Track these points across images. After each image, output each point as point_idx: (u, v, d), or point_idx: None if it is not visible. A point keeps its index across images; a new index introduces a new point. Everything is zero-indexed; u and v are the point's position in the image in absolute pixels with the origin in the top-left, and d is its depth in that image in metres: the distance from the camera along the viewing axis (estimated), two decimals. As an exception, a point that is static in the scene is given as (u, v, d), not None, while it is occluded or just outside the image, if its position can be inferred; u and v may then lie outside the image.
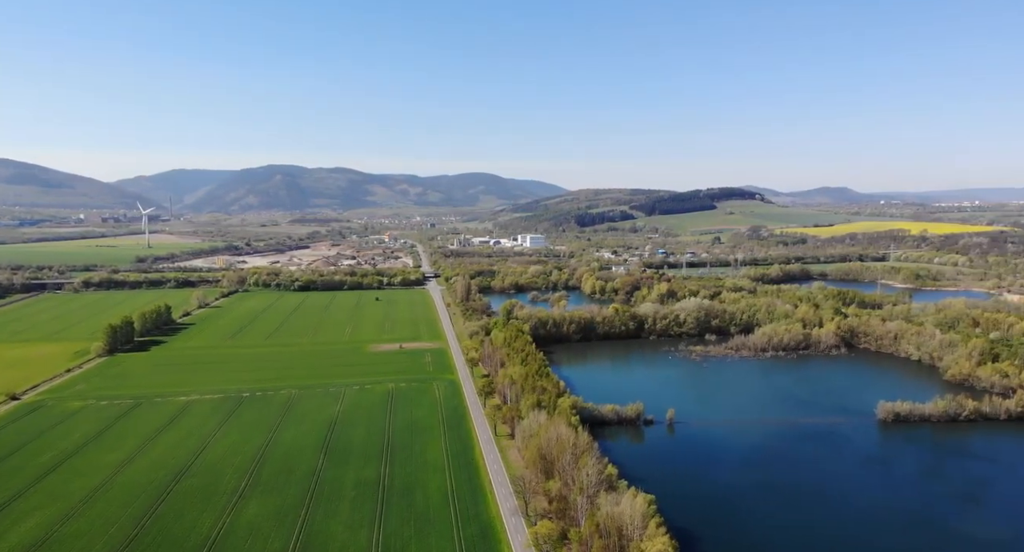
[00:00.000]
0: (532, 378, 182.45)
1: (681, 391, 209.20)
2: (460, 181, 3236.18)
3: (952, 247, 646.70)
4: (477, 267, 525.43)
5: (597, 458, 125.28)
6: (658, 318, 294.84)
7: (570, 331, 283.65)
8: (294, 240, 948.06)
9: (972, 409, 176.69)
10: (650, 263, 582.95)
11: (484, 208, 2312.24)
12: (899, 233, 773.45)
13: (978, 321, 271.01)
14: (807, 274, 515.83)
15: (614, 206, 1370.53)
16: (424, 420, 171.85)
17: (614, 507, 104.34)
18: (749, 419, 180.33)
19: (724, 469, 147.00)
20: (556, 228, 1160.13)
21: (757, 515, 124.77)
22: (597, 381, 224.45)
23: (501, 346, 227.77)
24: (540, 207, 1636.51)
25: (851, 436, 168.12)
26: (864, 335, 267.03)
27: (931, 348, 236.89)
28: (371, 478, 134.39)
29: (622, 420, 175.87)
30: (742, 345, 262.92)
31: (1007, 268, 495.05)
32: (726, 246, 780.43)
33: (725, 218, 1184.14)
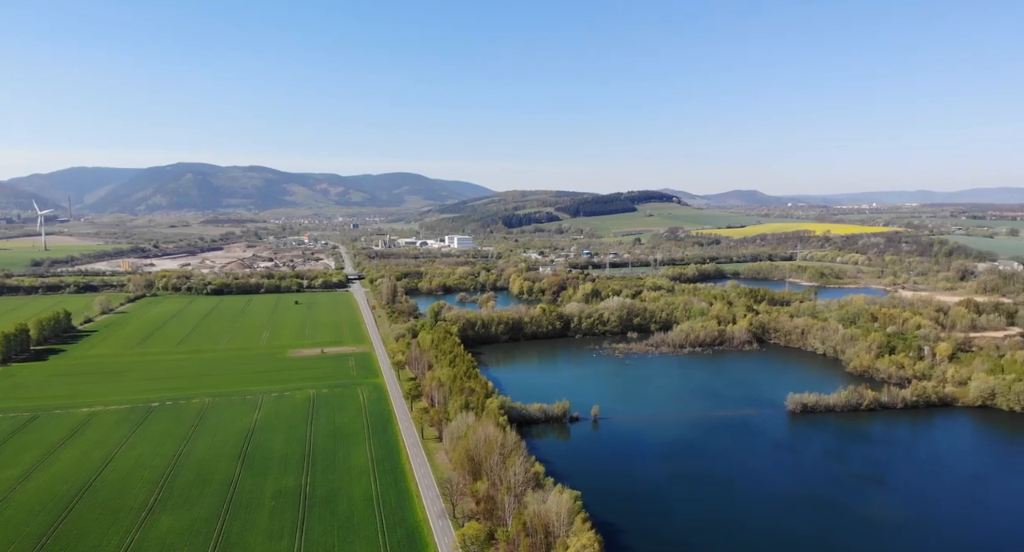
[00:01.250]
0: (460, 380, 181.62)
1: (605, 388, 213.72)
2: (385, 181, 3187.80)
3: (852, 247, 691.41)
4: (403, 268, 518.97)
5: (525, 457, 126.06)
6: (583, 317, 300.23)
7: (499, 332, 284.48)
8: (206, 242, 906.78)
9: (872, 399, 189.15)
10: (575, 263, 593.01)
11: (410, 209, 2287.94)
12: (805, 234, 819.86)
13: (876, 316, 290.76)
14: (721, 273, 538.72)
15: (540, 208, 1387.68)
16: (348, 426, 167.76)
17: (541, 505, 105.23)
18: (669, 413, 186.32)
19: (646, 462, 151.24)
20: (484, 229, 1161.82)
21: (677, 505, 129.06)
22: (525, 380, 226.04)
23: (429, 348, 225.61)
24: (467, 208, 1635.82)
25: (763, 427, 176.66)
26: (774, 331, 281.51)
27: (835, 342, 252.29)
28: (291, 487, 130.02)
29: (549, 418, 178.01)
30: (662, 342, 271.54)
31: (901, 266, 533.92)
32: (646, 247, 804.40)
33: (645, 220, 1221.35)
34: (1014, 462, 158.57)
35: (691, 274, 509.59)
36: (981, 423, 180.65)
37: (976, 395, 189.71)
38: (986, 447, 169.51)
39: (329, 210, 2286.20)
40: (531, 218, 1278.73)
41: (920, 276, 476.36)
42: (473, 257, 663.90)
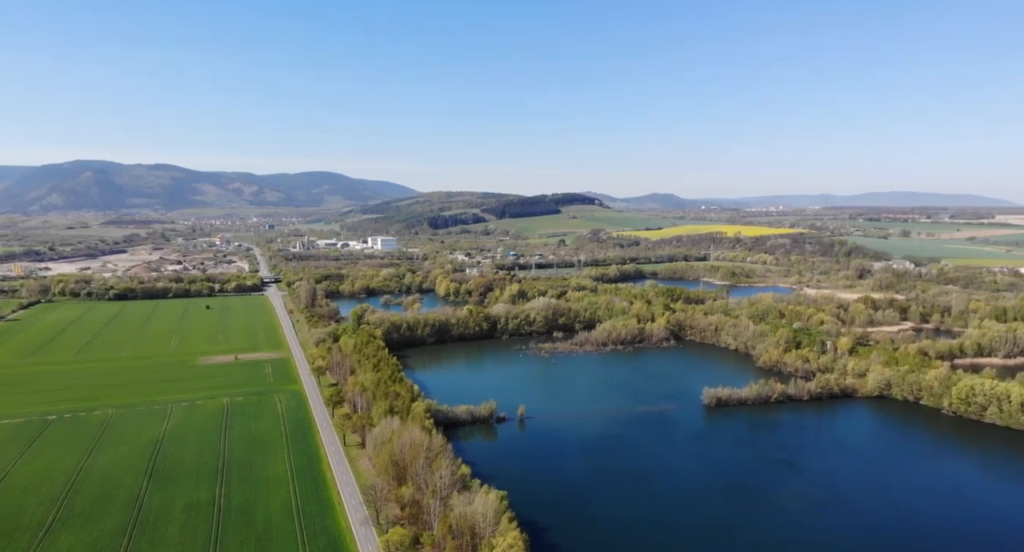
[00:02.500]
0: (385, 384, 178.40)
1: (532, 387, 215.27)
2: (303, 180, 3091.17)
3: (761, 247, 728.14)
4: (323, 271, 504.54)
5: (451, 460, 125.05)
6: (510, 318, 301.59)
7: (425, 334, 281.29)
8: (108, 244, 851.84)
9: (780, 392, 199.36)
10: (502, 264, 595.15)
11: (330, 209, 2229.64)
12: (717, 235, 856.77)
13: (783, 313, 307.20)
14: (641, 273, 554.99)
15: (466, 209, 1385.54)
16: (265, 435, 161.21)
17: (467, 507, 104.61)
18: (592, 410, 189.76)
19: (570, 459, 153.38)
20: (409, 230, 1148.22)
21: (600, 500, 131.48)
22: (452, 383, 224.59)
23: (351, 353, 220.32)
24: (391, 209, 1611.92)
25: (681, 420, 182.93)
26: (690, 328, 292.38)
27: (746, 338, 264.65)
28: (204, 499, 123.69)
29: (476, 420, 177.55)
30: (586, 340, 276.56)
31: (806, 266, 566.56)
32: (570, 248, 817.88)
33: (569, 222, 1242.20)
34: (908, 447, 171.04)
35: (613, 274, 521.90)
36: (878, 412, 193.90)
37: (874, 386, 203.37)
38: (884, 434, 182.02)
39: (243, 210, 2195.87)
40: (457, 219, 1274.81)
41: (823, 275, 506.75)
42: (398, 259, 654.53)
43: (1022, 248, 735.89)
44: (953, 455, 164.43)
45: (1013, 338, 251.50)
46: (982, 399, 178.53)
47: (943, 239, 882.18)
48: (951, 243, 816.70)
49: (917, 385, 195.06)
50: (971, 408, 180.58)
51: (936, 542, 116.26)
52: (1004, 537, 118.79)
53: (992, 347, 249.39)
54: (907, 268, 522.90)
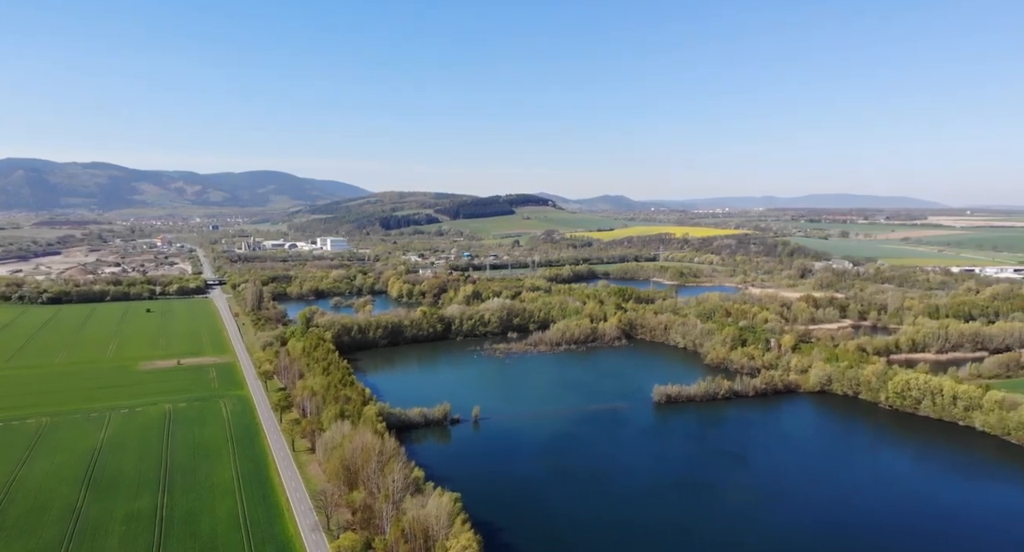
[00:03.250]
0: (335, 388, 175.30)
1: (486, 388, 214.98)
2: (248, 179, 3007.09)
3: (708, 248, 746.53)
4: (270, 272, 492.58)
5: (404, 463, 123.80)
6: (465, 319, 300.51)
7: (377, 336, 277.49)
8: (41, 245, 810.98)
9: (727, 388, 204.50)
10: (456, 265, 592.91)
11: (277, 209, 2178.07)
12: (666, 236, 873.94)
13: (730, 312, 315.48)
14: (593, 274, 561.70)
15: (419, 209, 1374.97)
16: (210, 441, 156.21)
17: (420, 510, 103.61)
18: (546, 410, 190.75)
19: (524, 459, 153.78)
20: (359, 231, 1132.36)
21: (554, 499, 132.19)
22: (405, 385, 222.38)
23: (300, 356, 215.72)
24: (341, 209, 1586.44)
25: (632, 418, 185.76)
26: (641, 327, 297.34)
27: (694, 337, 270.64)
28: (146, 509, 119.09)
29: (430, 422, 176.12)
30: (540, 341, 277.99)
31: (751, 266, 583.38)
32: (524, 248, 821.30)
33: (523, 222, 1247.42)
34: (849, 440, 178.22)
35: (566, 275, 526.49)
36: (820, 406, 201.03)
37: (815, 382, 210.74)
38: (825, 427, 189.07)
39: (185, 210, 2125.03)
40: (410, 220, 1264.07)
41: (767, 274, 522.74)
42: (348, 260, 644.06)
43: (953, 248, 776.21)
44: (890, 447, 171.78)
45: (945, 334, 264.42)
46: (916, 393, 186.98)
47: (879, 240, 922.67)
48: (887, 243, 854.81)
49: (856, 380, 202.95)
50: (906, 402, 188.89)
51: (875, 531, 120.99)
52: (938, 525, 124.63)
53: (925, 343, 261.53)
54: (846, 268, 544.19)
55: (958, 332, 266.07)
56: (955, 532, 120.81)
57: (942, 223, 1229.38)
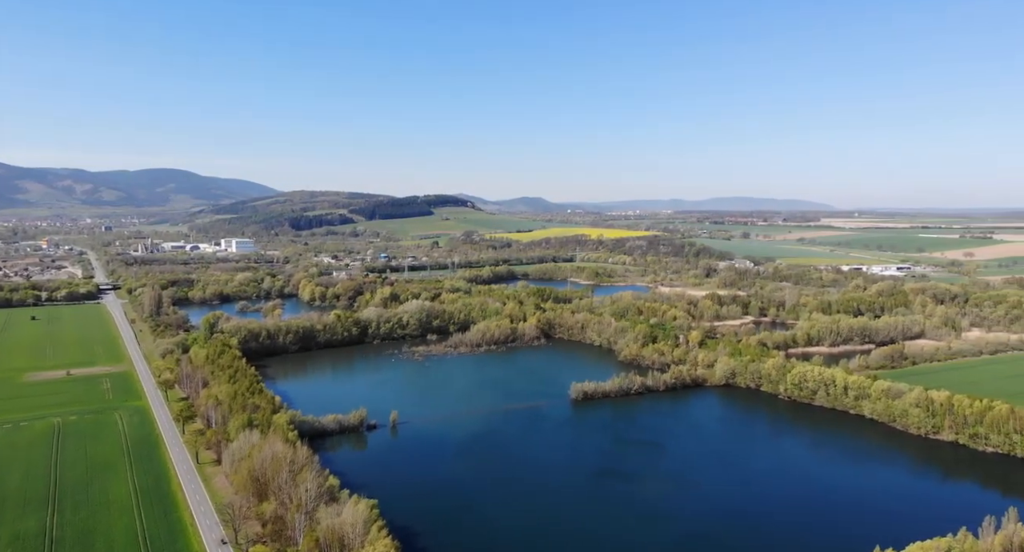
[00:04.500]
0: (242, 396, 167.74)
1: (405, 392, 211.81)
2: (144, 178, 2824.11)
3: (621, 249, 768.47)
4: (170, 276, 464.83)
5: (318, 471, 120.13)
6: (382, 322, 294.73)
7: (287, 342, 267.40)
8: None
9: (640, 383, 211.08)
10: (373, 267, 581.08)
11: (177, 209, 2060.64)
12: (582, 238, 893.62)
13: (642, 310, 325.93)
14: (513, 274, 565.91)
15: (332, 209, 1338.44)
16: (104, 456, 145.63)
17: (335, 519, 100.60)
18: (466, 411, 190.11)
19: (444, 462, 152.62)
20: (268, 232, 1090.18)
21: (474, 499, 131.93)
22: (319, 392, 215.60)
23: (203, 364, 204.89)
24: (248, 209, 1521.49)
25: (551, 415, 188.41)
26: (559, 326, 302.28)
27: (609, 334, 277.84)
28: (33, 529, 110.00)
29: (345, 429, 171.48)
30: (460, 342, 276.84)
31: (660, 266, 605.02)
32: (444, 250, 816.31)
33: (442, 223, 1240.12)
34: (751, 429, 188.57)
35: (486, 276, 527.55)
36: (725, 399, 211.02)
37: (721, 375, 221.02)
38: (730, 418, 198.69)
39: (75, 211, 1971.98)
40: (322, 220, 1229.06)
41: (675, 274, 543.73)
42: (256, 262, 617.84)
43: (843, 248, 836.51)
44: (789, 435, 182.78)
45: (837, 329, 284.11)
46: (812, 384, 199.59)
47: (777, 240, 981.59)
48: (784, 244, 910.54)
49: (757, 373, 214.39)
50: (803, 393, 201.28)
51: (775, 513, 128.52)
52: (832, 506, 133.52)
53: (819, 337, 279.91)
54: (747, 267, 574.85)
55: (848, 326, 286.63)
56: (847, 511, 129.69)
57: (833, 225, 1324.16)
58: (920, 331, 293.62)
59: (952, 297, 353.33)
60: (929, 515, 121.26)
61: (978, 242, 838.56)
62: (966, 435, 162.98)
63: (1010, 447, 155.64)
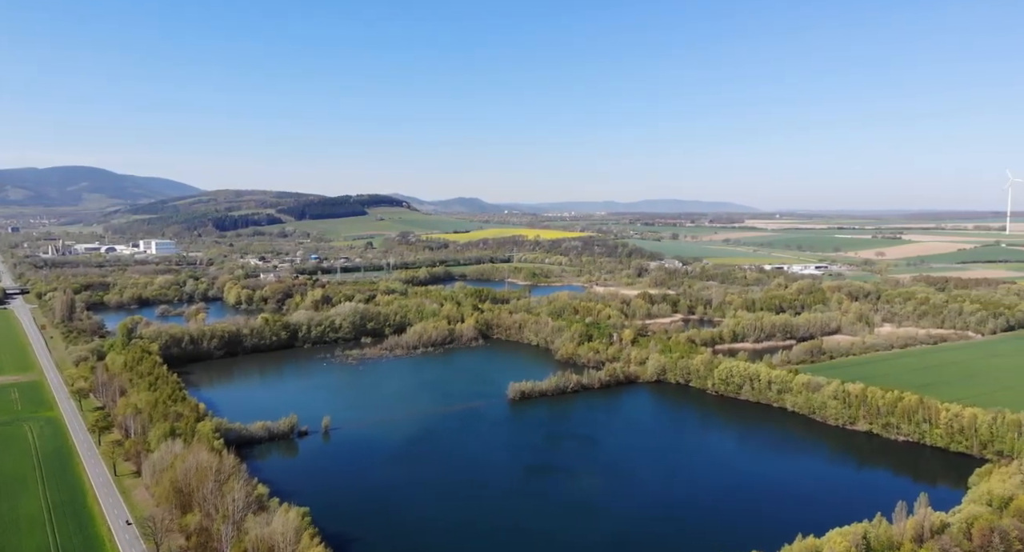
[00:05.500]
0: (164, 404, 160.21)
1: (338, 397, 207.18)
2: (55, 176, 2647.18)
3: (557, 249, 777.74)
4: (84, 280, 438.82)
5: (246, 480, 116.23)
6: (313, 325, 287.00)
7: (212, 347, 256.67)
8: None
9: (576, 382, 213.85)
10: (303, 269, 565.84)
11: (91, 209, 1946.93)
12: (519, 238, 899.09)
13: (578, 309, 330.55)
14: (450, 275, 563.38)
15: (260, 209, 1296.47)
16: (12, 471, 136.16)
17: (264, 528, 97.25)
18: (402, 414, 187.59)
19: (379, 467, 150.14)
20: (190, 233, 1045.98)
21: (409, 503, 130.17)
22: (246, 398, 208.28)
23: (121, 371, 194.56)
24: (168, 209, 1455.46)
25: (488, 416, 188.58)
26: (497, 326, 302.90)
27: (546, 334, 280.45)
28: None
29: (274, 436, 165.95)
30: (396, 345, 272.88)
31: (595, 266, 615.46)
32: (378, 251, 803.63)
33: (377, 224, 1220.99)
34: (682, 423, 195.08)
35: (423, 277, 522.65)
36: (657, 394, 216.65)
37: (652, 372, 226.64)
38: (662, 413, 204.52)
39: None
40: (249, 220, 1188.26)
41: (609, 274, 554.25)
42: (177, 264, 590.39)
43: (765, 248, 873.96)
44: (717, 428, 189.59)
45: (760, 325, 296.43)
46: (738, 379, 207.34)
47: (704, 241, 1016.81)
48: (711, 244, 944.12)
49: (687, 369, 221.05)
50: (729, 387, 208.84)
51: (704, 503, 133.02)
52: (757, 495, 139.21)
53: (744, 333, 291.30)
54: (677, 266, 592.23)
55: (771, 323, 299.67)
56: (771, 500, 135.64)
57: (756, 226, 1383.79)
58: (837, 327, 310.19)
59: (866, 294, 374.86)
60: (846, 502, 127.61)
61: (889, 242, 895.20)
62: (879, 425, 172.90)
63: (920, 435, 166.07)
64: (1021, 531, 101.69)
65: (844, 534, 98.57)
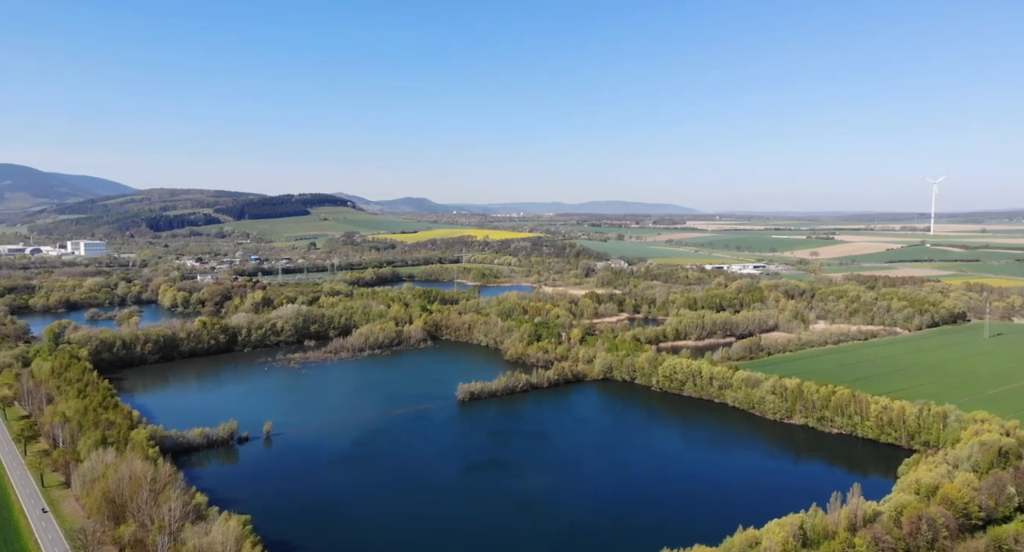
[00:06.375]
0: (94, 412, 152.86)
1: (280, 401, 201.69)
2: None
3: (506, 250, 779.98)
4: (7, 283, 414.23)
5: (183, 489, 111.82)
6: (253, 328, 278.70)
7: (146, 351, 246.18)
8: None
9: (525, 381, 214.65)
10: (242, 270, 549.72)
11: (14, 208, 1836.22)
12: (468, 239, 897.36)
13: (527, 309, 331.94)
14: (398, 276, 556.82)
15: (196, 209, 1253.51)
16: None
17: (203, 538, 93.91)
18: (347, 418, 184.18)
19: (323, 472, 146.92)
20: (122, 233, 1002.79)
21: (355, 508, 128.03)
22: (184, 405, 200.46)
23: (48, 378, 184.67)
24: (99, 208, 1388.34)
25: (437, 417, 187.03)
26: (446, 327, 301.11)
27: (495, 334, 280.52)
28: None
29: (213, 443, 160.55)
30: (341, 347, 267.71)
31: (544, 266, 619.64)
32: (322, 251, 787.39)
33: (320, 224, 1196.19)
34: (628, 419, 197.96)
35: (369, 278, 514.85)
36: (604, 392, 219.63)
37: (599, 370, 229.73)
38: (609, 410, 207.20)
39: None
40: (185, 220, 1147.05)
41: (557, 274, 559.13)
42: (109, 266, 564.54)
43: (706, 248, 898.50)
44: (661, 424, 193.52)
45: (702, 323, 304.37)
46: (681, 376, 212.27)
47: (648, 242, 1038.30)
48: (654, 245, 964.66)
49: (632, 367, 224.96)
50: (673, 384, 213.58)
51: (648, 497, 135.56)
52: (698, 489, 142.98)
53: (687, 331, 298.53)
54: (622, 267, 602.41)
55: (712, 321, 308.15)
56: (713, 493, 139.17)
57: (697, 227, 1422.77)
58: (774, 324, 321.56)
59: (801, 293, 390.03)
60: (785, 494, 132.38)
61: (822, 243, 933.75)
62: (814, 418, 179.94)
63: (852, 428, 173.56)
64: (947, 518, 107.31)
65: (782, 525, 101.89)
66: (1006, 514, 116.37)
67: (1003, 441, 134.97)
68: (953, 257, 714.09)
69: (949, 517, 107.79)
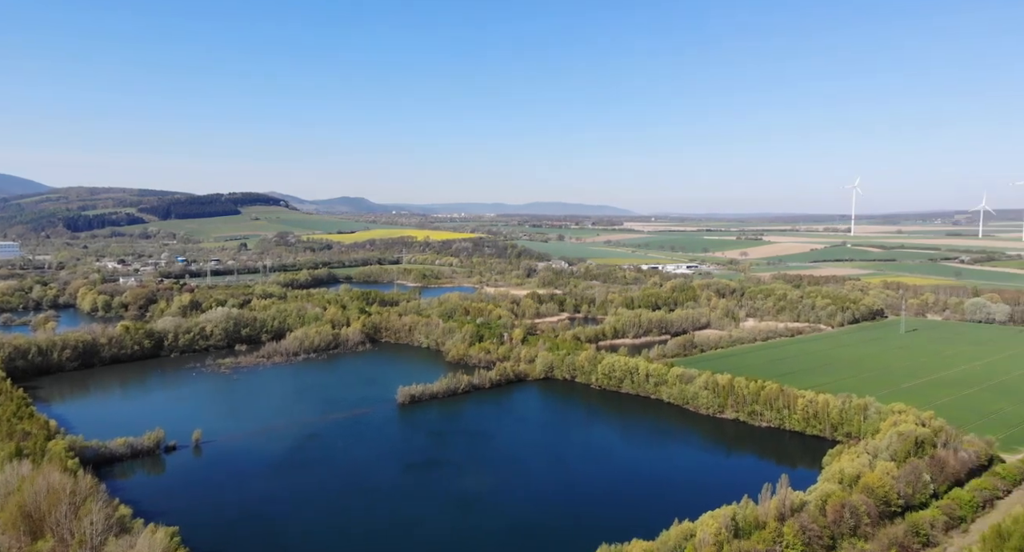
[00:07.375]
0: (8, 422, 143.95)
1: (210, 408, 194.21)
2: None
3: (448, 250, 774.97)
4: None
5: (105, 501, 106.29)
6: (180, 333, 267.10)
7: (64, 358, 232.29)
8: None
9: (467, 382, 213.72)
10: (168, 272, 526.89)
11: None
12: (408, 239, 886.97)
13: (468, 310, 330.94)
14: (334, 278, 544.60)
15: (118, 208, 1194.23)
16: None
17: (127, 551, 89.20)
18: (281, 424, 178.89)
19: (256, 480, 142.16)
20: (37, 234, 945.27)
21: (289, 516, 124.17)
22: (106, 413, 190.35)
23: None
24: (11, 207, 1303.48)
25: (376, 421, 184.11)
26: (385, 329, 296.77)
27: (436, 336, 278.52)
28: None
29: (138, 452, 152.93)
30: (274, 352, 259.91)
31: (486, 267, 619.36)
32: (254, 252, 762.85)
33: (252, 224, 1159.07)
34: (568, 418, 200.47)
35: (304, 280, 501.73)
36: (545, 391, 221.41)
37: (541, 369, 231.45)
38: (550, 408, 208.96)
39: None
40: (106, 220, 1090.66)
41: (499, 274, 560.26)
42: (22, 268, 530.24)
43: (642, 249, 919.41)
44: (601, 421, 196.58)
45: (639, 322, 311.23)
46: (619, 373, 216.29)
47: (588, 242, 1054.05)
48: (593, 245, 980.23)
49: (573, 366, 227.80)
50: (612, 381, 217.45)
51: (587, 492, 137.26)
52: (636, 484, 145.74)
53: (624, 330, 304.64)
54: (563, 267, 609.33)
55: (648, 320, 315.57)
56: (650, 488, 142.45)
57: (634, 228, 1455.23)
58: (707, 322, 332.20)
59: (731, 292, 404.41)
60: (718, 486, 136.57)
61: (751, 243, 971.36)
62: (745, 413, 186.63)
63: (780, 421, 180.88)
64: (869, 506, 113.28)
65: (715, 517, 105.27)
66: (922, 501, 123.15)
67: (919, 431, 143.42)
68: (872, 257, 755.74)
69: (870, 505, 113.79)
